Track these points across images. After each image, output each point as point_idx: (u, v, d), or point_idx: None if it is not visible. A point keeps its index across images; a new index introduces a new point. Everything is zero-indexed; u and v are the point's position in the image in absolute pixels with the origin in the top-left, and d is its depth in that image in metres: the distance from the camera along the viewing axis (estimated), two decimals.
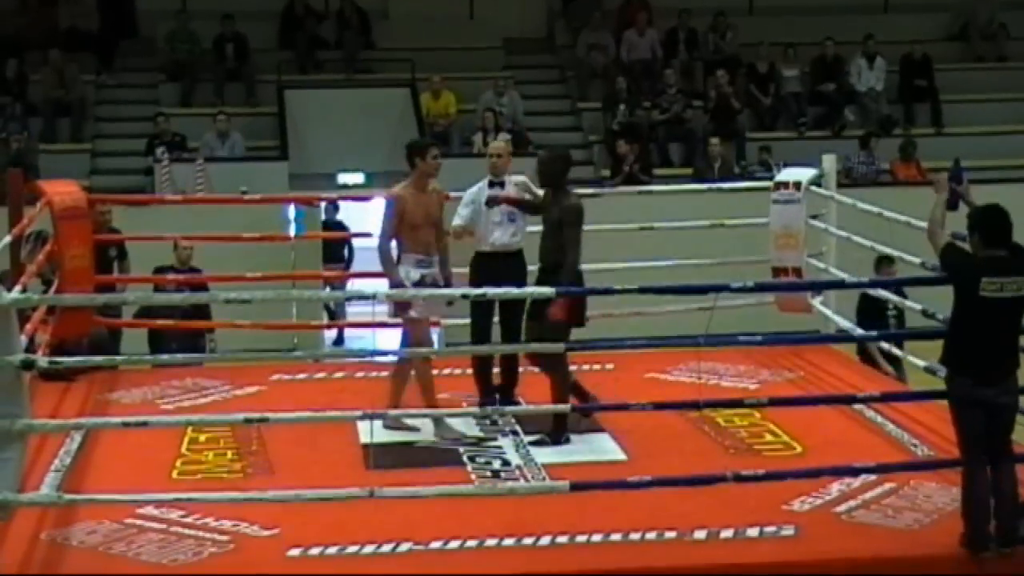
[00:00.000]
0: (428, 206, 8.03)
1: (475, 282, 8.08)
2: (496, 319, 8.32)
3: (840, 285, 9.20)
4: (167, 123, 15.44)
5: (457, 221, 8.32)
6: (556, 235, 7.75)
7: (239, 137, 15.60)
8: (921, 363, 8.04)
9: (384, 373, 9.50)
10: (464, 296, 7.10)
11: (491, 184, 8.40)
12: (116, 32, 17.13)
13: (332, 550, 6.23)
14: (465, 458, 7.52)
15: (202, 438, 7.89)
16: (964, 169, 6.93)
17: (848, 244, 9.64)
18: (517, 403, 8.26)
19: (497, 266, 8.12)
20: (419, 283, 7.90)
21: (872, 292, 9.30)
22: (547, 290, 6.86)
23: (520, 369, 8.36)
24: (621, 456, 7.55)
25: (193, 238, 10.72)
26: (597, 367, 9.53)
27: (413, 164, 8.04)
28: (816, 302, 9.93)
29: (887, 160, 15.87)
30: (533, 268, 8.03)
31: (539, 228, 8.00)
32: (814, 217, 10.09)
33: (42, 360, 6.67)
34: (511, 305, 8.04)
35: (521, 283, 8.02)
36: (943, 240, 6.29)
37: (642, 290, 6.73)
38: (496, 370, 8.35)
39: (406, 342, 8.05)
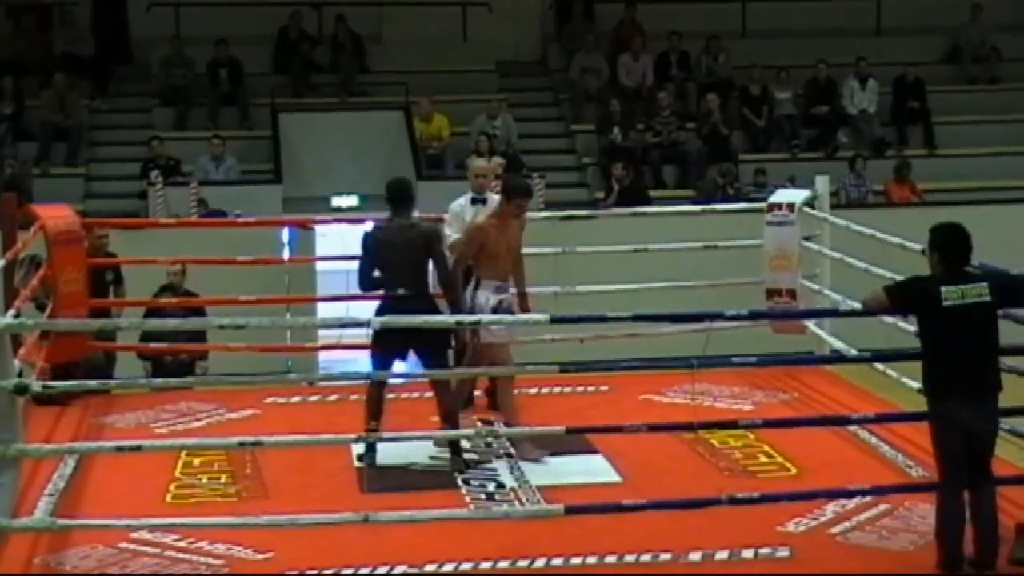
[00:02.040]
0: (511, 237, 8.12)
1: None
2: None
3: (834, 313, 9.22)
4: (162, 147, 15.46)
5: (455, 237, 8.54)
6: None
7: (233, 161, 15.62)
8: (915, 384, 8.05)
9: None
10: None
11: (474, 201, 8.70)
12: (111, 57, 17.18)
13: (327, 573, 6.22)
14: (460, 481, 7.52)
15: (196, 462, 7.87)
16: None
17: (842, 265, 9.66)
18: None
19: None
20: (497, 308, 7.94)
21: None
22: (541, 316, 6.81)
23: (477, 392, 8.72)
24: (616, 478, 7.54)
25: (187, 261, 10.71)
26: (592, 389, 9.54)
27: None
28: (811, 324, 9.94)
29: (879, 181, 15.91)
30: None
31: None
32: (808, 238, 10.12)
33: (36, 385, 6.65)
34: None
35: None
36: (879, 289, 6.31)
37: (636, 317, 6.75)
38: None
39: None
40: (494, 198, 8.71)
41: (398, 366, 7.72)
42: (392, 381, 9.89)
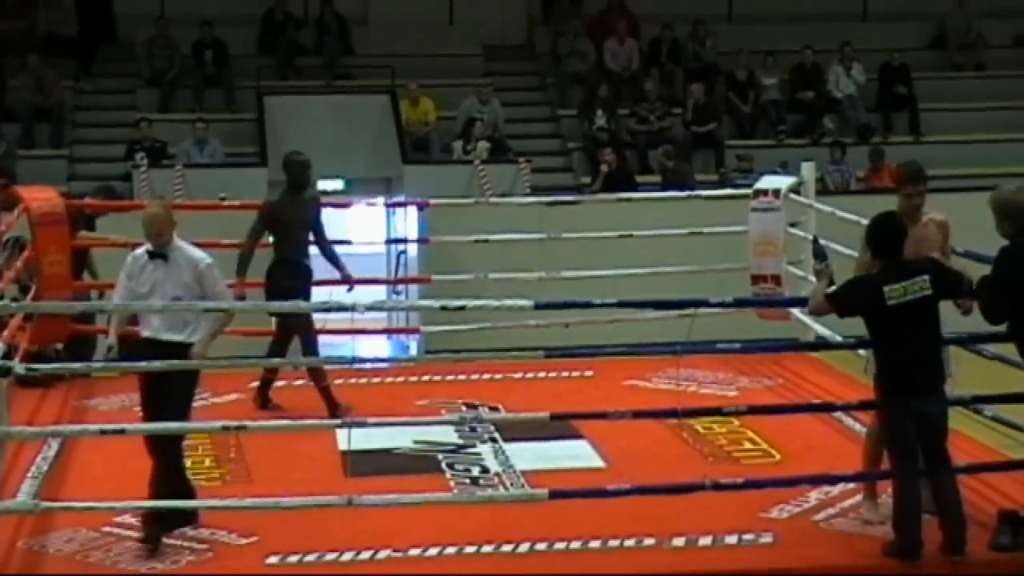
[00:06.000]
0: (922, 242, 6.61)
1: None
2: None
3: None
4: (148, 128, 15.38)
5: (116, 299, 6.85)
6: None
7: (218, 144, 15.55)
8: None
9: (363, 380, 9.52)
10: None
11: (152, 255, 6.66)
12: (95, 38, 17.06)
13: (311, 557, 6.22)
14: (444, 465, 7.52)
15: None
16: (826, 245, 7.01)
17: (826, 251, 9.64)
18: None
19: (151, 357, 6.48)
20: None
21: None
22: (525, 302, 6.79)
23: None
24: (600, 463, 7.56)
25: None
26: (576, 374, 9.55)
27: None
28: (795, 310, 9.94)
29: (863, 168, 15.90)
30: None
31: None
32: (793, 225, 10.13)
33: (19, 367, 6.63)
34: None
35: (182, 387, 6.62)
36: (823, 297, 6.39)
37: (622, 304, 6.74)
38: None
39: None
40: (184, 254, 6.65)
41: None
42: (375, 365, 9.94)
